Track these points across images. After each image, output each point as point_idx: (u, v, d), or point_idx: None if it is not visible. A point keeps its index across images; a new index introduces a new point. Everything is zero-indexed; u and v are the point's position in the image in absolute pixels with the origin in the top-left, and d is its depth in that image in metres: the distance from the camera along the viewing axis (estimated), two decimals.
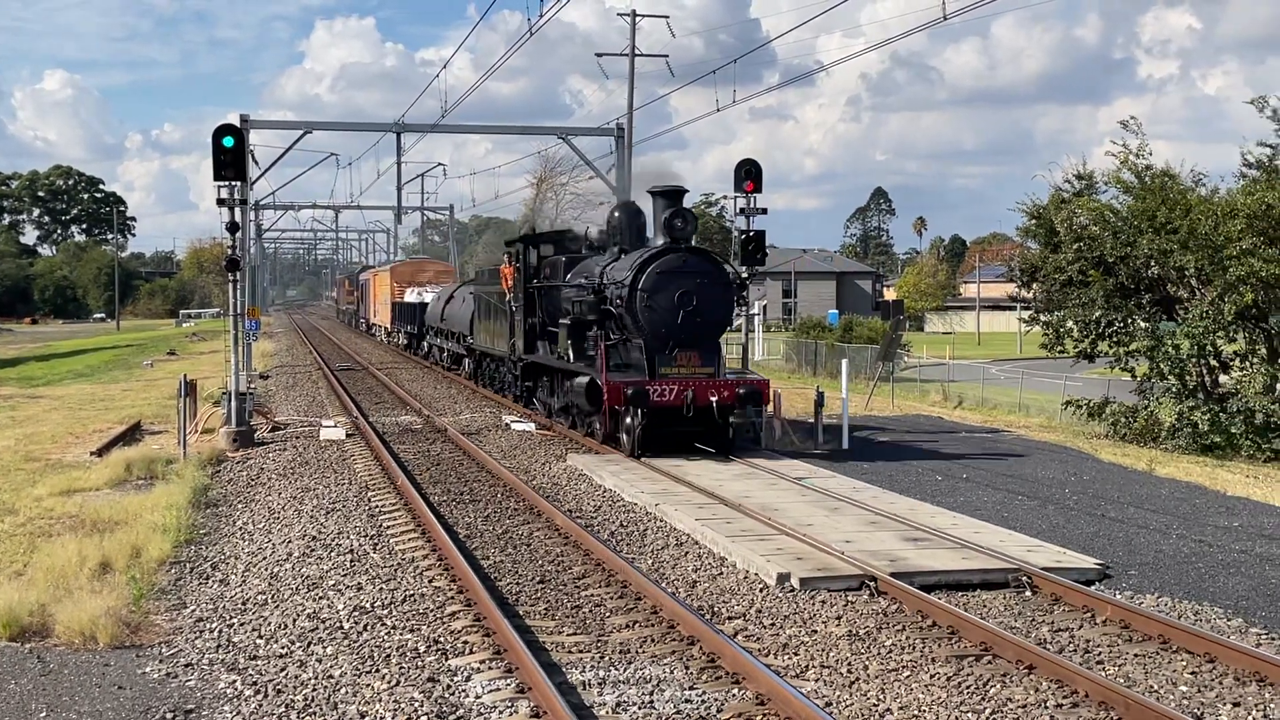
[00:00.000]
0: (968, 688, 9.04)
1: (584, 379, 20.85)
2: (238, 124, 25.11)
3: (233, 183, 22.28)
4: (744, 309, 22.72)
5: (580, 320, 21.90)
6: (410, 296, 51.12)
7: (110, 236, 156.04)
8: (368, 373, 41.63)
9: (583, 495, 17.11)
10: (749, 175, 22.88)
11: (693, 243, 20.78)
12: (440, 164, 76.51)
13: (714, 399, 19.34)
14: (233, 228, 22.71)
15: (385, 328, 59.77)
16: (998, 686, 9.06)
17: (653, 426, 19.49)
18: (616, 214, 22.52)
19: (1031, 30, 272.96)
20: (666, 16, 50.84)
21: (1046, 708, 8.63)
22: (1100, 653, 9.94)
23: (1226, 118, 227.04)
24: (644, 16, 44.29)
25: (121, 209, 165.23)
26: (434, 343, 42.80)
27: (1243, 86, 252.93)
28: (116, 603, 10.96)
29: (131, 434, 24.95)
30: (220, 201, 22.31)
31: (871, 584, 11.70)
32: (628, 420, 19.69)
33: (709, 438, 20.13)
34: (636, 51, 43.38)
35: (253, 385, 29.94)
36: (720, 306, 20.40)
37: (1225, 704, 8.76)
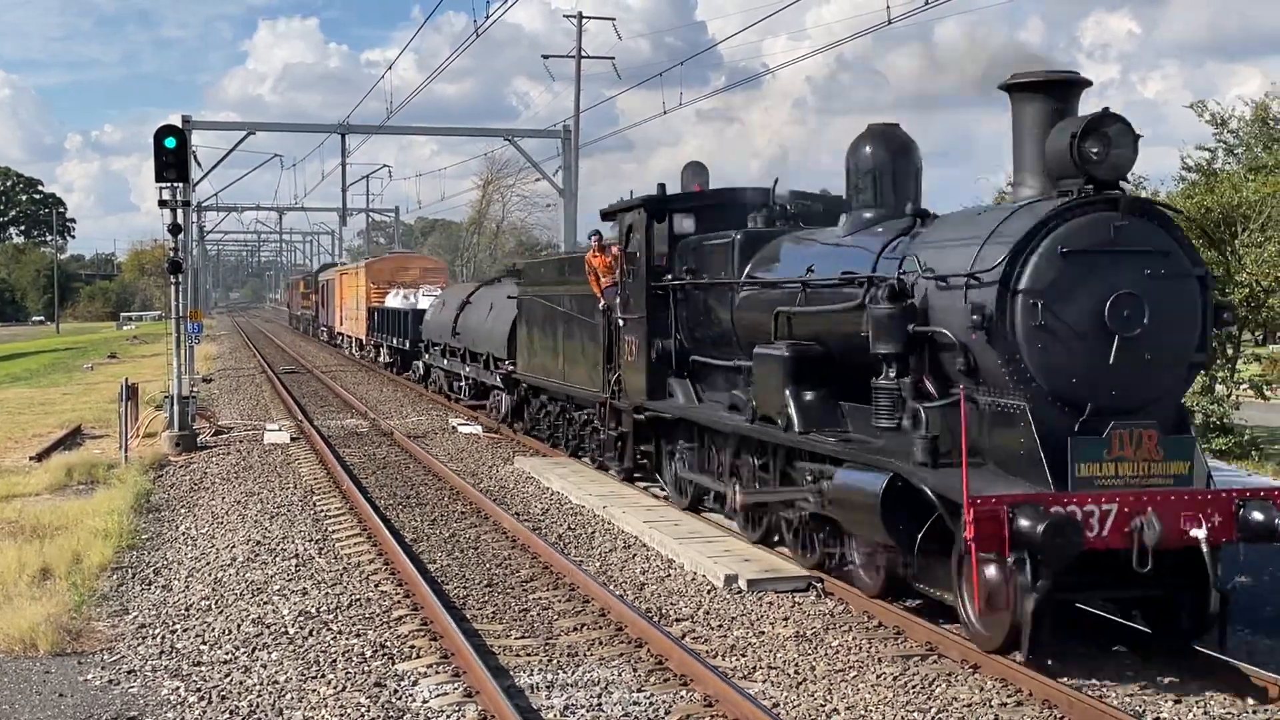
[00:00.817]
0: (914, 687, 9.09)
1: (870, 479, 10.03)
2: (180, 125, 24.86)
3: (175, 184, 22.06)
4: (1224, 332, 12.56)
5: (809, 354, 11.95)
6: (394, 301, 40.29)
7: (49, 238, 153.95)
8: (313, 376, 41.34)
9: (530, 498, 17.07)
10: (696, 176, 22.85)
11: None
12: (385, 165, 76.76)
13: (1201, 532, 9.02)
14: (175, 229, 22.51)
15: (358, 339, 48.30)
16: (943, 686, 9.12)
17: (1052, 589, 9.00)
18: (867, 149, 12.23)
19: (975, 34, 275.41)
20: (613, 19, 51.07)
21: (991, 706, 8.70)
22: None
23: (1166, 121, 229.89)
24: (590, 19, 44.31)
25: (61, 210, 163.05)
26: (439, 365, 31.51)
27: (1182, 90, 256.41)
28: (57, 609, 10.82)
29: (72, 438, 24.63)
30: (162, 203, 22.08)
31: (818, 585, 11.74)
32: (990, 572, 9.19)
33: (1158, 609, 9.77)
34: (583, 53, 43.34)
35: (195, 389, 29.64)
36: (1189, 324, 9.76)
37: (1166, 700, 8.86)
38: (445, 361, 30.51)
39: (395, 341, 38.49)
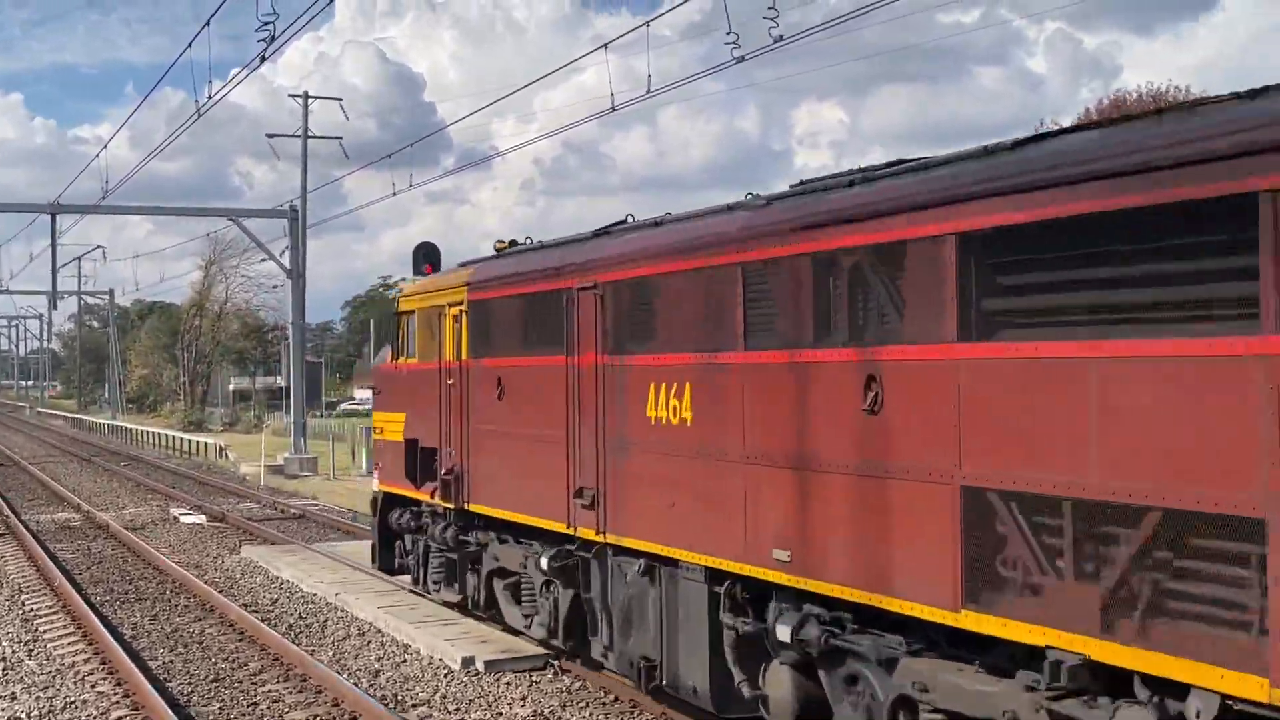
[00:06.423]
0: None
1: None
2: None
3: None
4: None
5: None
6: None
7: None
8: (19, 468, 39.00)
9: (259, 588, 16.54)
10: (428, 258, 22.76)
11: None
12: (99, 246, 72.81)
13: None
14: None
15: None
16: None
17: None
18: None
19: (695, 121, 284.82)
20: (340, 99, 50.19)
21: None
22: None
23: None
24: (316, 99, 43.76)
25: None
26: None
27: None
28: None
29: None
30: None
31: (555, 664, 11.78)
32: None
33: None
34: (309, 133, 42.80)
35: None
36: None
37: None
38: None
39: None
